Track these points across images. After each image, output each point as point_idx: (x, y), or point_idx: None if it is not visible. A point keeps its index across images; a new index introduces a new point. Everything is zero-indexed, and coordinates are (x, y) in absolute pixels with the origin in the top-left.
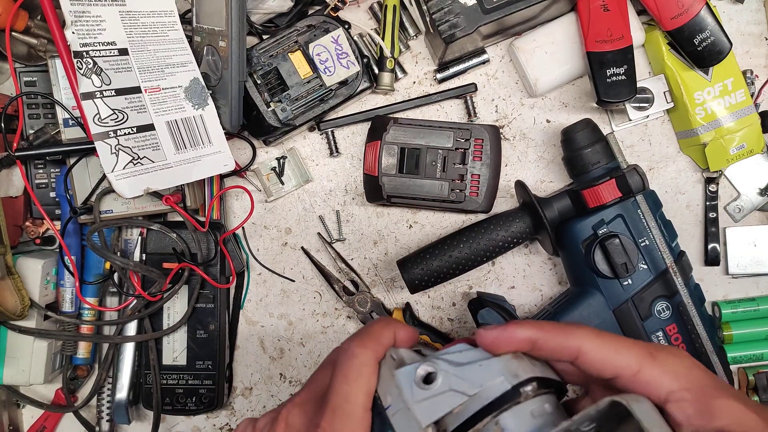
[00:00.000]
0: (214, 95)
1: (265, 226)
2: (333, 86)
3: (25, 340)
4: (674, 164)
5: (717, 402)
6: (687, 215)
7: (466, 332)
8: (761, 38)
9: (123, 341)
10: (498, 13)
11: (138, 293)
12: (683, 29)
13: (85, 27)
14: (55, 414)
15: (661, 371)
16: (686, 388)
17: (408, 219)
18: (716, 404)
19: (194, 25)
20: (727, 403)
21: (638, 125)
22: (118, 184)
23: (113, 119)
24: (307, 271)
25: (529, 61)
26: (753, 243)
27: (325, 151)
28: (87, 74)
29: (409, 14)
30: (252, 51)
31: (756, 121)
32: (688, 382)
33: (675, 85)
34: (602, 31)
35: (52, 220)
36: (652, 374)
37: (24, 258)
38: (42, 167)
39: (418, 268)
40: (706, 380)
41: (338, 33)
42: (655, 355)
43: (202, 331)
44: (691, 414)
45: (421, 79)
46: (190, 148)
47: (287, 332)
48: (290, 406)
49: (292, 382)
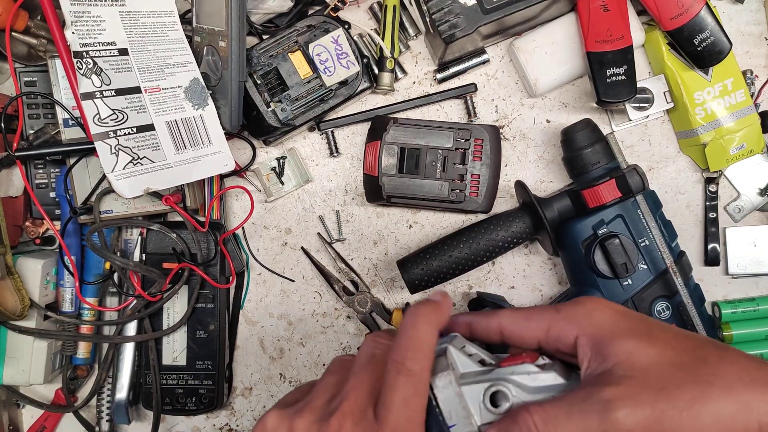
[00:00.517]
0: (214, 95)
1: (265, 226)
2: (333, 86)
3: (25, 340)
4: (674, 164)
5: (613, 343)
6: (687, 215)
7: None
8: (761, 38)
9: (123, 341)
10: (498, 13)
11: (138, 293)
12: (683, 29)
13: (85, 27)
14: (55, 414)
15: (565, 322)
16: (585, 333)
17: (408, 219)
18: (611, 345)
19: (194, 25)
20: (622, 344)
21: (638, 125)
22: (118, 184)
23: (113, 119)
24: (307, 271)
25: (529, 61)
26: (753, 243)
27: (325, 151)
28: (87, 74)
29: (409, 14)
30: (252, 51)
31: (756, 121)
32: (588, 327)
33: (675, 85)
34: (602, 31)
35: (52, 220)
36: (558, 327)
37: (24, 258)
38: (42, 167)
39: (418, 268)
40: (608, 322)
41: (338, 33)
42: (559, 309)
43: (202, 331)
44: (589, 357)
45: (421, 79)
46: (190, 148)
47: (287, 332)
48: (340, 418)
49: (292, 382)
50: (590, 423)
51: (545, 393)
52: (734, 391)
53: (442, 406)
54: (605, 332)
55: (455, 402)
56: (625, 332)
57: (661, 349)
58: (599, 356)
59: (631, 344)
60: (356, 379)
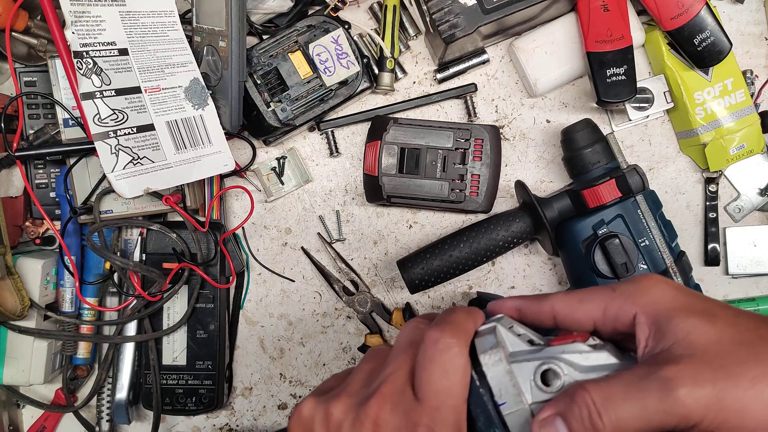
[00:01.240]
0: (214, 95)
1: (265, 226)
2: (333, 86)
3: (25, 340)
4: (674, 164)
5: (672, 321)
6: (687, 215)
7: None
8: (761, 38)
9: (123, 341)
10: (498, 13)
11: (138, 293)
12: (683, 29)
13: (85, 27)
14: (55, 414)
15: (622, 300)
16: (644, 311)
17: (408, 219)
18: (671, 323)
19: (194, 25)
20: (681, 321)
21: (638, 125)
22: (118, 184)
23: (113, 119)
24: (307, 271)
25: (529, 61)
26: (753, 243)
27: (325, 151)
28: (87, 74)
29: (409, 14)
30: (252, 51)
31: (756, 121)
32: (647, 305)
33: (675, 85)
34: (602, 31)
35: (52, 220)
36: (615, 305)
37: (24, 258)
38: (42, 167)
39: (418, 268)
40: (667, 299)
41: (338, 33)
42: (615, 288)
43: (202, 331)
44: (647, 335)
45: (421, 79)
46: (190, 148)
47: (287, 332)
48: (379, 401)
49: (292, 382)
50: (650, 401)
51: (598, 372)
52: None
53: (491, 383)
54: (664, 309)
55: (505, 380)
56: (684, 310)
57: (721, 327)
58: (658, 334)
59: (691, 322)
60: (395, 363)
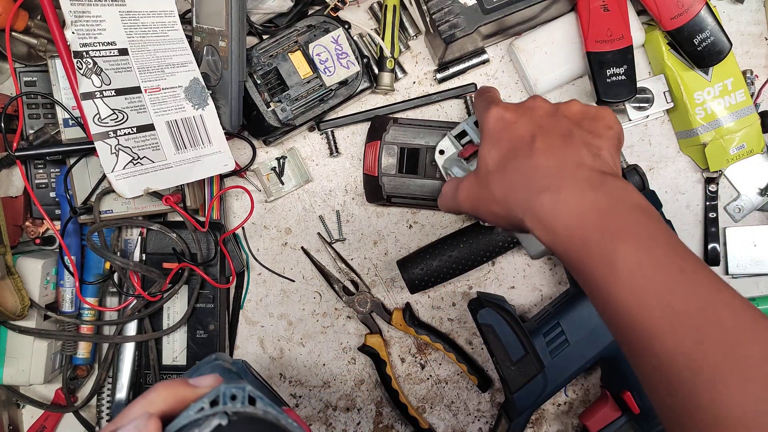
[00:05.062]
0: (214, 95)
1: (265, 226)
2: (333, 86)
3: (25, 340)
4: (674, 164)
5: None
6: (687, 215)
7: (465, 332)
8: (761, 38)
9: (123, 341)
10: (498, 13)
11: (138, 293)
12: (683, 29)
13: (85, 27)
14: (55, 414)
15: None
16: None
17: (408, 219)
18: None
19: (194, 25)
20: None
21: (638, 125)
22: (118, 184)
23: (113, 119)
24: (307, 271)
25: (529, 61)
26: (753, 243)
27: (325, 151)
28: (87, 74)
29: (409, 14)
30: (252, 51)
31: (756, 121)
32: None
33: (675, 85)
34: (602, 31)
35: (52, 220)
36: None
37: (24, 258)
38: (42, 167)
39: (418, 268)
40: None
41: (338, 33)
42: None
43: (202, 331)
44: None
45: (421, 79)
46: (190, 148)
47: (287, 332)
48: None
49: (292, 382)
50: None
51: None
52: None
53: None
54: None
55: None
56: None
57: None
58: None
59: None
60: None
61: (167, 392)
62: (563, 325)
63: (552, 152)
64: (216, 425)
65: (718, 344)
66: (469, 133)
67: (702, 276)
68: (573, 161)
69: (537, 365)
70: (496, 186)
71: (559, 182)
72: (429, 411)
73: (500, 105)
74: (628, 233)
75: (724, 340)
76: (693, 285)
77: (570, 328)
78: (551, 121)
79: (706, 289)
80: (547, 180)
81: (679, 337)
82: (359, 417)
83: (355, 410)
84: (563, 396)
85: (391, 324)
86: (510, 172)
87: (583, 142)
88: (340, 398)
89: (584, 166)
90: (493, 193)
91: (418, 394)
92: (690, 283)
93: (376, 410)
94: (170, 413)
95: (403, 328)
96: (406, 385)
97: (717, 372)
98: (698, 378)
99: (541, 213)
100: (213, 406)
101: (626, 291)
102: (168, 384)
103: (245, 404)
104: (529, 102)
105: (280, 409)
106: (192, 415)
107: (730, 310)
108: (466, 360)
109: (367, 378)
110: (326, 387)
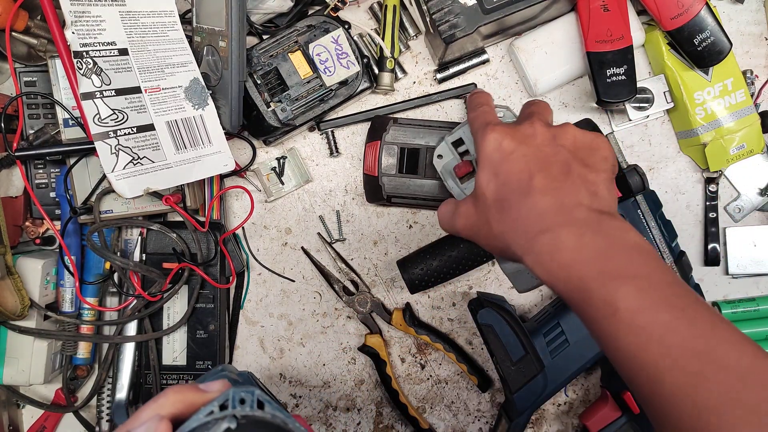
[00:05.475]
0: (214, 95)
1: (265, 226)
2: (333, 86)
3: (25, 340)
4: (674, 164)
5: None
6: (687, 215)
7: (465, 332)
8: (761, 38)
9: (123, 341)
10: (498, 13)
11: (138, 293)
12: (683, 29)
13: (85, 27)
14: (55, 414)
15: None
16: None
17: (408, 219)
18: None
19: (194, 25)
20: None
21: (638, 125)
22: (118, 184)
23: (113, 119)
24: (307, 271)
25: (529, 61)
26: (753, 243)
27: (325, 151)
28: (87, 74)
29: (409, 14)
30: (252, 51)
31: (756, 121)
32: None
33: (675, 85)
34: (602, 31)
35: (52, 220)
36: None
37: (24, 258)
38: (42, 167)
39: (418, 268)
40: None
41: (338, 33)
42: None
43: (202, 331)
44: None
45: (421, 79)
46: (190, 148)
47: (287, 332)
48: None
49: (292, 382)
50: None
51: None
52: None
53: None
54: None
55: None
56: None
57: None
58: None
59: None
60: None
61: (177, 397)
62: (563, 325)
63: (550, 192)
64: (225, 428)
65: (720, 386)
66: (466, 142)
67: (703, 313)
68: (571, 202)
69: (537, 365)
70: (495, 223)
71: (558, 223)
72: (429, 411)
73: (497, 129)
74: (627, 274)
75: (725, 381)
76: (693, 323)
77: (570, 328)
78: (549, 151)
79: (707, 327)
80: (546, 221)
81: (681, 379)
82: (359, 417)
83: (355, 410)
84: (563, 396)
85: (391, 324)
86: (507, 210)
87: (581, 179)
88: (340, 398)
89: (582, 206)
90: (492, 228)
91: (418, 394)
92: (691, 322)
93: (376, 410)
94: (180, 417)
95: (403, 328)
96: (406, 385)
97: (719, 415)
98: (703, 423)
99: (540, 254)
100: (222, 410)
101: (628, 332)
102: (178, 389)
103: (254, 408)
104: (526, 128)
105: (288, 413)
106: (202, 418)
107: (730, 347)
108: (466, 360)
109: (367, 378)
110: (326, 387)
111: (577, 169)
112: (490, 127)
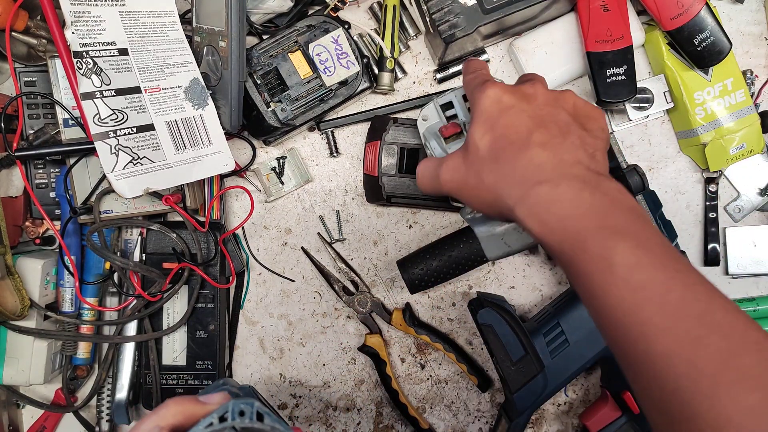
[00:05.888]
0: (214, 95)
1: (265, 226)
2: (333, 86)
3: (25, 340)
4: (674, 164)
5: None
6: (687, 215)
7: (465, 332)
8: (761, 38)
9: (123, 341)
10: (498, 13)
11: (138, 293)
12: (683, 29)
13: (85, 27)
14: (55, 414)
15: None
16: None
17: (408, 219)
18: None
19: (194, 25)
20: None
21: (638, 125)
22: (118, 184)
23: (113, 119)
24: (307, 271)
25: (529, 61)
26: (753, 243)
27: (325, 151)
28: (87, 74)
29: (409, 14)
30: (252, 51)
31: (756, 121)
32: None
33: (675, 85)
34: (602, 31)
35: (52, 220)
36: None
37: (24, 258)
38: (42, 167)
39: (418, 268)
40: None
41: (338, 33)
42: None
43: (202, 331)
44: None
45: (421, 79)
46: (190, 148)
47: (287, 332)
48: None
49: (292, 382)
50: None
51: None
52: None
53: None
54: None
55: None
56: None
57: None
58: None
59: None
60: None
61: (177, 408)
62: (563, 325)
63: (550, 147)
64: None
65: (717, 351)
66: (456, 107)
67: (697, 278)
68: (570, 159)
69: (537, 365)
70: (487, 173)
71: (557, 176)
72: (429, 411)
73: (497, 85)
74: (625, 232)
75: (724, 347)
76: (690, 286)
77: (570, 328)
78: (549, 111)
79: (703, 291)
80: (544, 173)
81: (677, 340)
82: (359, 417)
83: (355, 410)
84: (563, 396)
85: (391, 324)
86: (503, 161)
87: (581, 140)
88: (340, 398)
89: (581, 164)
90: (483, 179)
91: (418, 394)
92: (687, 284)
93: (376, 410)
94: (180, 428)
95: (403, 328)
96: (406, 385)
97: (717, 379)
98: (697, 385)
99: (536, 204)
100: (222, 421)
101: (623, 287)
102: (178, 400)
103: (253, 420)
104: (527, 88)
105: (288, 425)
106: (201, 429)
107: (726, 313)
108: (466, 360)
109: (367, 378)
110: (326, 387)
111: (576, 131)
112: (489, 83)
